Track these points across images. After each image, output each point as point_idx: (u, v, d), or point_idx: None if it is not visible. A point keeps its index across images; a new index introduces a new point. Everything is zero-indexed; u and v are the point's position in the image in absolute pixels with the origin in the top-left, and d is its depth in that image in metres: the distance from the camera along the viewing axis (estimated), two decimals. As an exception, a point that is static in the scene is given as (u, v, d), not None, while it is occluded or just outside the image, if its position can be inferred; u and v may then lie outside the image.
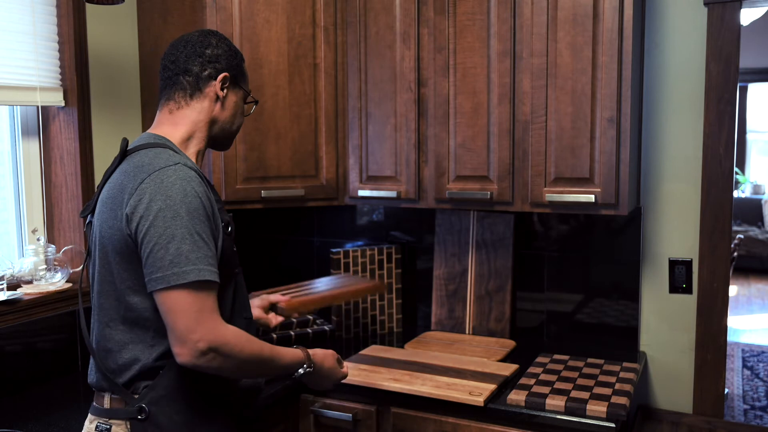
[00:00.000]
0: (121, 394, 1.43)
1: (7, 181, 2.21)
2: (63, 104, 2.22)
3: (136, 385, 1.42)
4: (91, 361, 1.50)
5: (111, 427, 1.43)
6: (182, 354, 1.31)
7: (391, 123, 2.30)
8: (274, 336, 2.38)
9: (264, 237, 2.97)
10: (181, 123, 1.52)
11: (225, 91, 1.55)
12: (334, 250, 2.55)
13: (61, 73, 2.22)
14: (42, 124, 2.26)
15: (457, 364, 2.16)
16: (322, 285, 2.23)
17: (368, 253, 2.58)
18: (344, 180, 2.41)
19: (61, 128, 2.25)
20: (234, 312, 1.50)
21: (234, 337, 1.35)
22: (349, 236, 2.80)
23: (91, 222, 1.50)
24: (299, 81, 2.33)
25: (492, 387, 1.97)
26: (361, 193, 2.36)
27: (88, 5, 2.22)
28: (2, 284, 2.04)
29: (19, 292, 2.07)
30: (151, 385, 1.41)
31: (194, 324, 1.30)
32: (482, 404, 1.90)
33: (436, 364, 2.17)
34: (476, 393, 1.93)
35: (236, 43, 2.25)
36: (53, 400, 1.98)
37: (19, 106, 2.20)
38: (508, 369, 2.12)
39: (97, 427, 1.45)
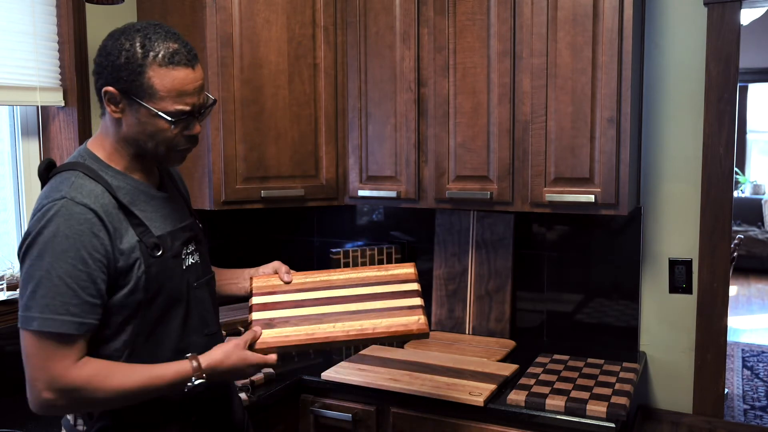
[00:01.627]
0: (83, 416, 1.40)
1: (7, 181, 2.21)
2: (63, 104, 2.22)
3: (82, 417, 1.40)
4: None
5: None
6: (31, 402, 1.27)
7: (391, 123, 2.30)
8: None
9: (264, 237, 2.97)
10: (103, 134, 1.41)
11: (118, 107, 1.35)
12: (334, 250, 2.55)
13: (60, 73, 2.22)
14: (42, 124, 2.26)
15: (457, 364, 2.16)
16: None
17: (368, 253, 2.58)
18: (344, 180, 2.41)
19: (61, 128, 2.25)
20: (188, 331, 1.43)
21: (86, 380, 1.26)
22: (349, 236, 2.80)
23: None
24: (299, 81, 2.33)
25: (492, 387, 1.97)
26: (361, 193, 2.36)
27: (88, 5, 2.22)
28: (2, 284, 2.04)
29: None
30: (96, 417, 1.37)
31: (38, 372, 1.25)
32: (482, 404, 1.89)
33: (436, 364, 2.16)
34: (476, 393, 1.93)
35: (236, 43, 2.24)
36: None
37: (18, 106, 2.20)
38: (508, 369, 2.12)
39: None
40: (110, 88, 1.33)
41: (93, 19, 2.27)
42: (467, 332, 2.51)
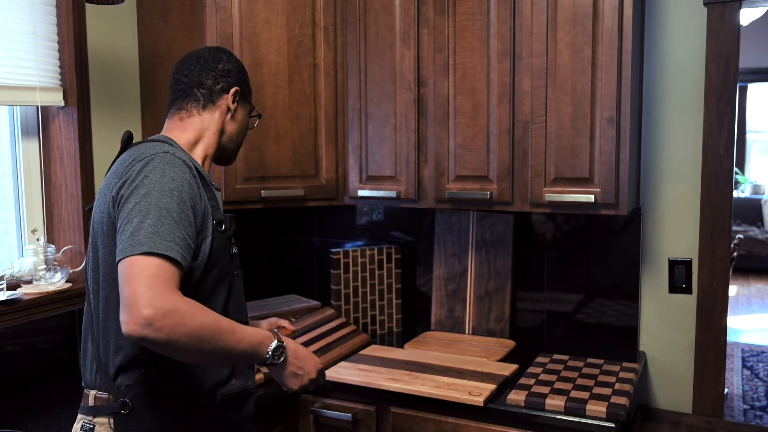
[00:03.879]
0: (109, 388, 1.43)
1: (7, 181, 2.21)
2: (63, 104, 2.22)
3: (122, 377, 1.42)
4: (82, 357, 1.52)
5: (95, 426, 1.43)
6: (125, 323, 1.24)
7: (391, 123, 2.30)
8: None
9: (264, 237, 2.97)
10: (190, 129, 1.60)
11: (235, 104, 1.64)
12: (334, 250, 2.55)
13: (60, 73, 2.22)
14: (42, 124, 2.26)
15: (457, 364, 2.16)
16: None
17: (368, 253, 2.58)
18: (344, 180, 2.41)
19: (61, 128, 2.25)
20: (229, 313, 1.49)
21: (186, 305, 1.27)
22: (349, 236, 2.80)
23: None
24: (299, 81, 2.33)
25: (492, 387, 1.97)
26: (361, 193, 2.36)
27: (88, 5, 2.22)
28: (2, 284, 2.04)
29: (19, 292, 2.07)
30: (136, 381, 1.41)
31: (143, 289, 1.24)
32: (482, 404, 1.90)
33: (435, 364, 2.16)
34: (476, 393, 1.93)
35: (236, 43, 2.25)
36: (53, 400, 1.98)
37: (18, 106, 2.20)
38: (508, 369, 2.12)
39: (82, 426, 1.45)
40: (238, 88, 1.64)
41: (93, 19, 2.27)
42: (467, 332, 2.51)
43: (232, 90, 1.63)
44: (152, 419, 1.41)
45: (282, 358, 1.46)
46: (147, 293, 1.24)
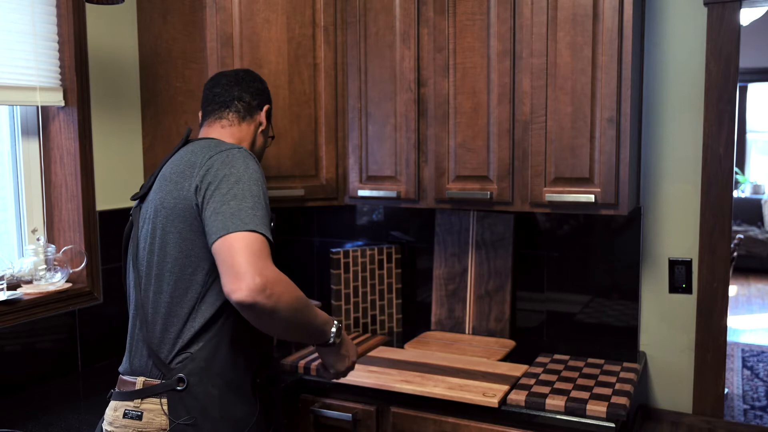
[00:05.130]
0: (163, 370, 1.49)
1: (7, 181, 2.21)
2: (63, 104, 2.22)
3: (181, 356, 1.50)
4: (129, 345, 1.58)
5: (142, 413, 1.46)
6: (238, 290, 1.34)
7: (391, 123, 2.30)
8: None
9: (264, 237, 2.96)
10: (230, 137, 1.73)
11: (267, 120, 1.82)
12: (334, 250, 2.55)
13: (60, 73, 2.22)
14: (42, 124, 2.26)
15: (466, 365, 2.16)
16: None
17: (368, 253, 2.58)
18: (344, 180, 2.41)
19: (61, 128, 2.25)
20: None
21: (285, 280, 1.42)
22: (349, 236, 2.80)
23: (139, 206, 1.65)
24: (299, 81, 2.33)
25: (505, 388, 1.97)
26: (361, 193, 2.36)
27: (88, 5, 2.22)
28: (2, 284, 2.04)
29: (19, 292, 2.07)
30: (191, 357, 1.49)
31: (254, 259, 1.36)
32: (497, 405, 1.89)
33: (445, 365, 2.16)
34: (490, 394, 1.93)
35: (236, 43, 2.25)
36: (53, 400, 1.98)
37: (18, 106, 2.20)
38: (519, 369, 2.12)
39: (126, 414, 1.48)
40: (269, 106, 1.83)
41: (93, 19, 2.27)
42: (467, 332, 2.51)
43: (266, 107, 1.82)
44: (206, 396, 1.48)
45: (339, 339, 1.64)
46: (258, 263, 1.36)
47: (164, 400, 1.47)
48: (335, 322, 1.62)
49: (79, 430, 1.76)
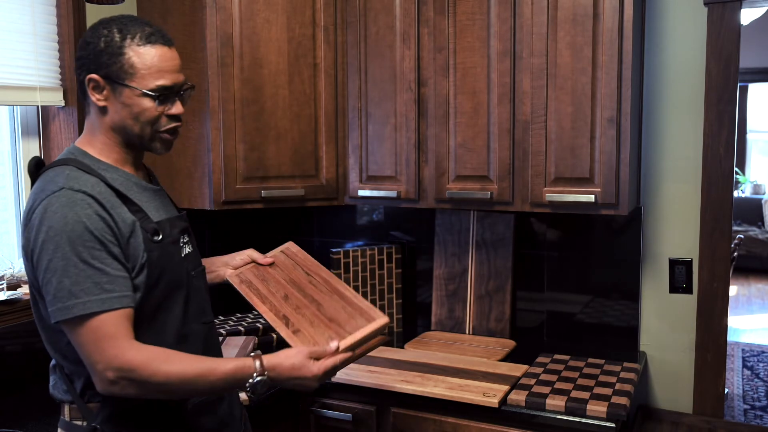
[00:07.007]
0: (78, 404, 1.40)
1: (7, 181, 2.21)
2: (63, 104, 2.22)
3: (89, 393, 1.39)
4: (51, 371, 1.48)
5: None
6: (96, 383, 1.29)
7: (391, 123, 2.30)
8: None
9: (264, 237, 2.96)
10: (90, 131, 1.44)
11: (102, 93, 1.38)
12: (334, 250, 2.55)
13: (61, 73, 2.22)
14: (42, 123, 2.26)
15: (466, 365, 2.16)
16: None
17: (368, 253, 2.58)
18: (344, 180, 2.41)
19: (61, 128, 2.25)
20: (188, 318, 1.45)
21: (144, 361, 1.26)
22: (349, 236, 2.80)
23: None
24: (299, 81, 2.33)
25: (505, 388, 1.97)
26: (361, 192, 2.36)
27: (88, 5, 2.22)
28: (2, 284, 2.04)
29: (19, 292, 2.07)
30: (103, 403, 1.38)
31: (96, 355, 1.26)
32: (497, 405, 1.89)
33: (445, 365, 2.16)
34: (490, 394, 1.93)
35: (236, 43, 2.25)
36: (53, 400, 1.98)
37: (19, 106, 2.20)
38: (519, 370, 2.12)
39: None
40: (93, 75, 1.37)
41: (93, 19, 2.27)
42: (467, 332, 2.51)
43: (87, 78, 1.42)
44: None
45: (265, 390, 1.37)
46: (101, 358, 1.26)
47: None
48: (254, 376, 1.34)
49: (79, 430, 1.75)
